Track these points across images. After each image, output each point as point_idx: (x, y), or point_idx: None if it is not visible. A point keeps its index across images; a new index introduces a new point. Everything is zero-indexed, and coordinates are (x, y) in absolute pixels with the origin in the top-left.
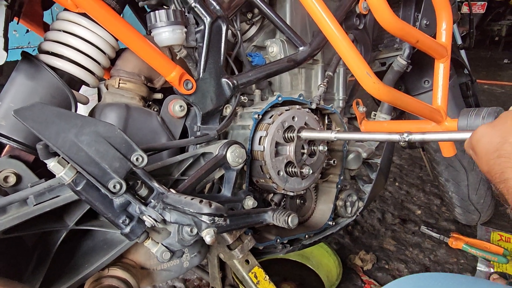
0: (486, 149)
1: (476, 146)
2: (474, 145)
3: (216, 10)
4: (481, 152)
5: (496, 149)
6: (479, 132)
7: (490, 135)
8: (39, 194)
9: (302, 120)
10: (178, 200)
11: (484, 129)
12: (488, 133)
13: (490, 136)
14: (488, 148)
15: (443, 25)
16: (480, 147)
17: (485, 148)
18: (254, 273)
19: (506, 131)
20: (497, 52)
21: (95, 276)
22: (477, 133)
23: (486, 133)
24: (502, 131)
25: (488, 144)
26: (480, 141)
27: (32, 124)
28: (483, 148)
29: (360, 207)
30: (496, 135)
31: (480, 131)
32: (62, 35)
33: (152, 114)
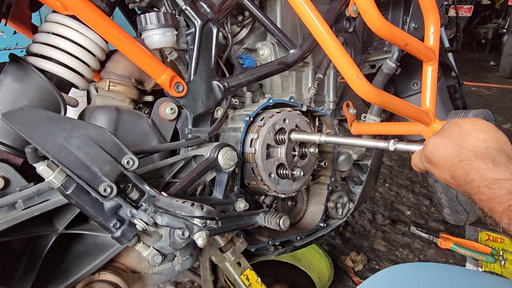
0: (444, 157)
1: (432, 157)
2: (430, 157)
3: (207, 13)
4: (439, 161)
5: (455, 155)
6: (431, 144)
7: (444, 144)
8: (28, 198)
9: (293, 122)
10: (170, 203)
11: (435, 140)
12: (441, 142)
13: (444, 145)
14: (447, 156)
15: (431, 28)
16: (437, 156)
17: (443, 156)
18: (246, 276)
19: (458, 138)
20: (484, 55)
21: (85, 281)
22: (429, 146)
23: (439, 143)
24: (454, 139)
25: (445, 152)
26: (435, 152)
27: (20, 128)
28: (441, 157)
29: (351, 208)
30: (450, 143)
31: (432, 143)
32: (51, 37)
33: (142, 116)
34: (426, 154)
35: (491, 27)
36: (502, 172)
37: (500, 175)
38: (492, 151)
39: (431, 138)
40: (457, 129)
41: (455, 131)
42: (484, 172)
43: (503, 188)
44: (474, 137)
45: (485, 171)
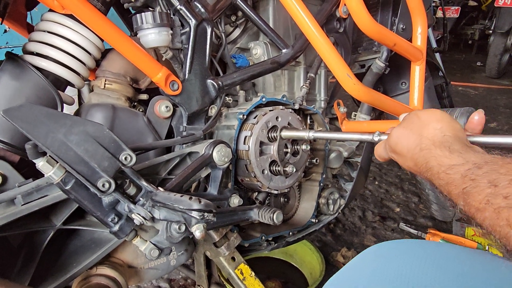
0: (407, 147)
1: (396, 147)
2: (394, 147)
3: (201, 13)
4: (402, 150)
5: (416, 145)
6: (394, 135)
7: (406, 134)
8: (27, 194)
9: (285, 120)
10: (168, 197)
11: (398, 131)
12: (403, 133)
13: (406, 136)
14: (409, 145)
15: (419, 29)
16: (400, 146)
17: (406, 146)
18: (240, 270)
19: (418, 128)
20: (471, 55)
21: (83, 275)
22: (393, 136)
23: (401, 134)
24: (415, 129)
25: (407, 142)
26: (399, 142)
27: (21, 124)
28: (404, 147)
29: (341, 204)
30: (411, 133)
31: (395, 134)
32: (47, 36)
33: (138, 114)
34: (391, 144)
35: (477, 28)
36: (457, 158)
37: (455, 161)
38: (448, 139)
39: (394, 129)
40: (417, 120)
41: (416, 122)
42: (441, 159)
43: (457, 173)
44: (432, 127)
45: (442, 158)
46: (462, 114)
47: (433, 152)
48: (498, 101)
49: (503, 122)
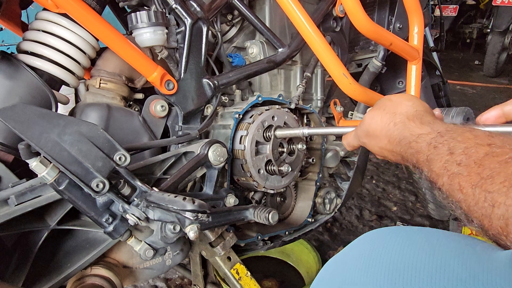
0: (381, 125)
1: (370, 128)
2: (367, 128)
3: (197, 12)
4: (376, 130)
5: (390, 121)
6: (368, 118)
7: (379, 114)
8: (21, 194)
9: (281, 120)
10: (162, 197)
11: (371, 113)
12: (377, 113)
13: (380, 116)
14: (383, 123)
15: (415, 28)
16: (373, 126)
17: (379, 125)
18: (236, 270)
19: (391, 107)
20: (469, 54)
21: (77, 275)
22: (366, 118)
23: (375, 114)
24: (388, 108)
25: (381, 120)
26: (372, 123)
27: (14, 124)
28: (378, 125)
29: (338, 204)
30: (385, 112)
31: (368, 116)
32: (41, 35)
33: (133, 114)
34: (364, 127)
35: (475, 27)
36: (426, 127)
37: (424, 130)
38: (420, 112)
39: (368, 112)
40: (389, 102)
41: (388, 104)
42: (413, 129)
43: (424, 142)
44: (404, 104)
45: (414, 128)
46: (459, 113)
47: (407, 124)
48: (496, 100)
49: None
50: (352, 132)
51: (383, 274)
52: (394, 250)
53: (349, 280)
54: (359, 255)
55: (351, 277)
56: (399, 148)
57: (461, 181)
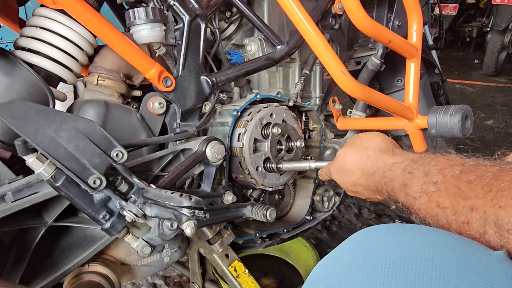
0: (353, 159)
1: (343, 163)
2: (341, 164)
3: (195, 9)
4: (348, 164)
5: (363, 155)
6: (340, 155)
7: (351, 150)
8: (18, 191)
9: (280, 117)
10: (159, 194)
11: (343, 150)
12: (349, 150)
13: (352, 151)
14: (355, 158)
15: (414, 26)
16: (346, 161)
17: (352, 160)
18: (234, 267)
19: (361, 143)
20: (468, 53)
21: (75, 272)
22: (339, 156)
23: (347, 150)
24: (359, 144)
25: (354, 155)
26: (345, 158)
27: (10, 120)
28: (350, 161)
29: (336, 202)
30: (356, 148)
31: (341, 154)
32: (39, 31)
33: (131, 111)
34: (337, 163)
35: (475, 26)
36: (398, 157)
37: (397, 160)
38: (390, 146)
39: (340, 150)
40: (359, 139)
41: (358, 140)
42: (386, 159)
43: (399, 169)
44: (375, 140)
45: (387, 158)
46: (457, 111)
47: (379, 155)
48: (495, 99)
49: (499, 120)
50: (325, 168)
51: (380, 265)
52: (390, 243)
53: (346, 273)
54: (355, 249)
55: (347, 270)
56: (373, 179)
57: (439, 198)
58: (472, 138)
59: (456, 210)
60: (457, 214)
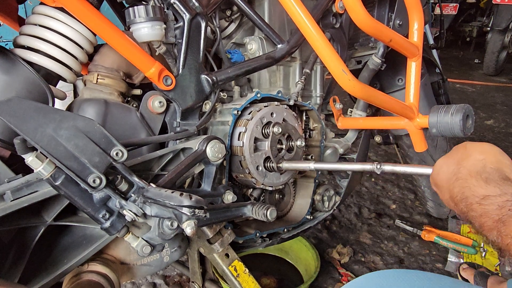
0: (446, 177)
1: (437, 179)
2: (435, 178)
3: (195, 7)
4: (441, 181)
5: (454, 174)
6: (437, 165)
7: (447, 164)
8: (17, 189)
9: (280, 116)
10: (159, 193)
11: (441, 161)
12: (445, 163)
13: (447, 166)
14: (448, 175)
15: (415, 25)
16: (440, 177)
17: (445, 176)
18: (234, 267)
19: (459, 158)
20: (469, 52)
21: (74, 272)
22: (436, 166)
23: (444, 163)
24: (457, 159)
25: (447, 172)
26: (440, 173)
27: (9, 119)
28: (444, 177)
29: (337, 201)
30: (452, 163)
31: (438, 164)
32: (38, 29)
33: (131, 110)
34: (433, 175)
35: (475, 25)
36: (493, 188)
37: (490, 192)
38: (488, 170)
39: (439, 160)
40: (462, 150)
41: (460, 152)
42: (475, 190)
43: (493, 204)
44: (473, 158)
45: (477, 188)
46: (458, 110)
47: (468, 181)
48: (495, 99)
49: (499, 120)
50: None
51: None
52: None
53: None
54: None
55: None
56: (460, 208)
57: None
58: (472, 138)
59: None
60: None
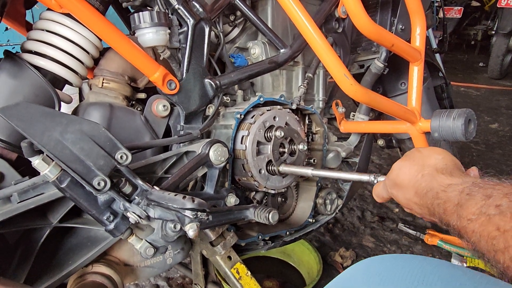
0: (409, 176)
1: (397, 179)
2: (395, 179)
3: (199, 12)
4: (404, 180)
5: (418, 172)
6: (396, 168)
7: (408, 165)
8: (23, 192)
9: (283, 120)
10: (162, 196)
11: (399, 164)
12: (405, 164)
13: (408, 166)
14: (411, 174)
15: (417, 30)
16: (401, 177)
17: (407, 176)
18: (236, 269)
19: (420, 159)
20: (473, 56)
21: (78, 273)
22: (395, 169)
23: (403, 165)
24: (417, 160)
25: (409, 171)
26: (400, 174)
27: (17, 123)
28: (406, 177)
29: (339, 204)
30: (413, 163)
31: (396, 167)
32: (45, 35)
33: (135, 113)
34: (392, 177)
35: (480, 29)
36: (456, 179)
37: (454, 181)
38: (449, 166)
39: (395, 164)
40: (418, 153)
41: (417, 155)
42: (442, 181)
43: (455, 191)
44: (434, 157)
45: (443, 179)
46: (460, 115)
47: (435, 175)
48: (499, 102)
49: (504, 123)
50: (381, 183)
51: None
52: None
53: None
54: None
55: None
56: (426, 200)
57: (501, 221)
58: (477, 142)
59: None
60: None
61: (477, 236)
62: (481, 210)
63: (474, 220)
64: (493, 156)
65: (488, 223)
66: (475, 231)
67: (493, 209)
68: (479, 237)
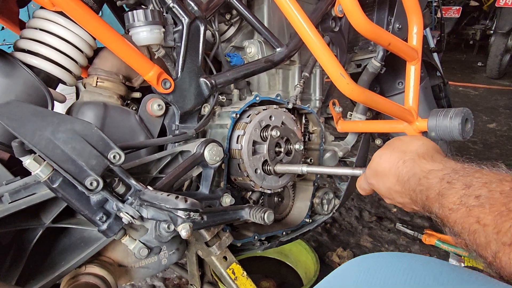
0: (389, 164)
1: (378, 167)
2: (376, 168)
3: (194, 11)
4: (385, 168)
5: (399, 159)
6: (376, 157)
7: (388, 153)
8: (15, 192)
9: (279, 120)
10: (155, 196)
11: (379, 153)
12: (386, 152)
13: (389, 154)
14: (391, 161)
15: (414, 29)
16: (382, 165)
17: (388, 164)
18: (232, 270)
19: (400, 146)
20: (472, 56)
21: (72, 274)
22: (375, 158)
23: (384, 153)
24: (397, 147)
25: (390, 159)
26: (381, 162)
27: (7, 122)
28: (387, 165)
29: (336, 204)
30: (394, 151)
31: (377, 156)
32: (38, 33)
33: (130, 113)
34: (373, 166)
35: (479, 29)
36: (437, 164)
37: (435, 167)
38: (430, 151)
39: (376, 152)
40: (398, 141)
41: (397, 143)
42: (424, 166)
43: (436, 177)
44: (415, 143)
45: (425, 164)
46: (457, 114)
47: (417, 161)
48: (498, 102)
49: (502, 123)
50: (362, 176)
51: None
52: None
53: None
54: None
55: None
56: (408, 187)
57: (481, 214)
58: (475, 141)
59: (499, 229)
60: (500, 234)
61: (459, 227)
62: (461, 200)
63: (455, 210)
64: (491, 155)
65: (468, 215)
66: (457, 222)
67: (472, 200)
68: (461, 229)
